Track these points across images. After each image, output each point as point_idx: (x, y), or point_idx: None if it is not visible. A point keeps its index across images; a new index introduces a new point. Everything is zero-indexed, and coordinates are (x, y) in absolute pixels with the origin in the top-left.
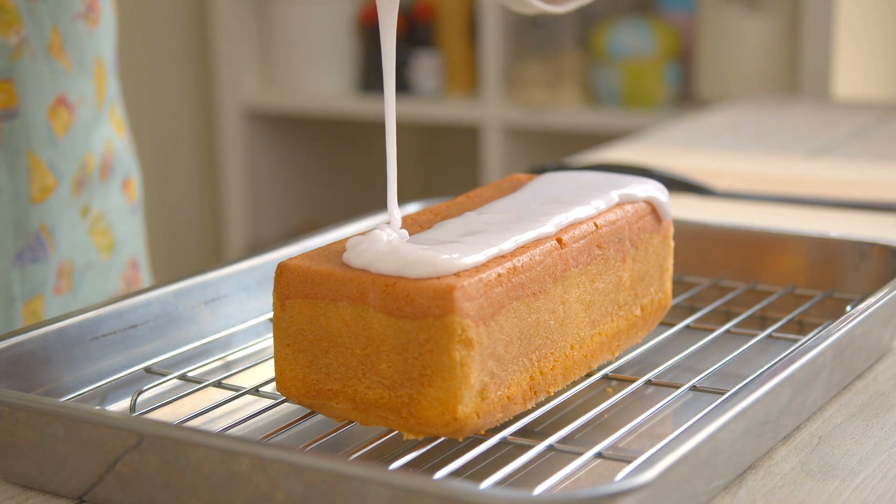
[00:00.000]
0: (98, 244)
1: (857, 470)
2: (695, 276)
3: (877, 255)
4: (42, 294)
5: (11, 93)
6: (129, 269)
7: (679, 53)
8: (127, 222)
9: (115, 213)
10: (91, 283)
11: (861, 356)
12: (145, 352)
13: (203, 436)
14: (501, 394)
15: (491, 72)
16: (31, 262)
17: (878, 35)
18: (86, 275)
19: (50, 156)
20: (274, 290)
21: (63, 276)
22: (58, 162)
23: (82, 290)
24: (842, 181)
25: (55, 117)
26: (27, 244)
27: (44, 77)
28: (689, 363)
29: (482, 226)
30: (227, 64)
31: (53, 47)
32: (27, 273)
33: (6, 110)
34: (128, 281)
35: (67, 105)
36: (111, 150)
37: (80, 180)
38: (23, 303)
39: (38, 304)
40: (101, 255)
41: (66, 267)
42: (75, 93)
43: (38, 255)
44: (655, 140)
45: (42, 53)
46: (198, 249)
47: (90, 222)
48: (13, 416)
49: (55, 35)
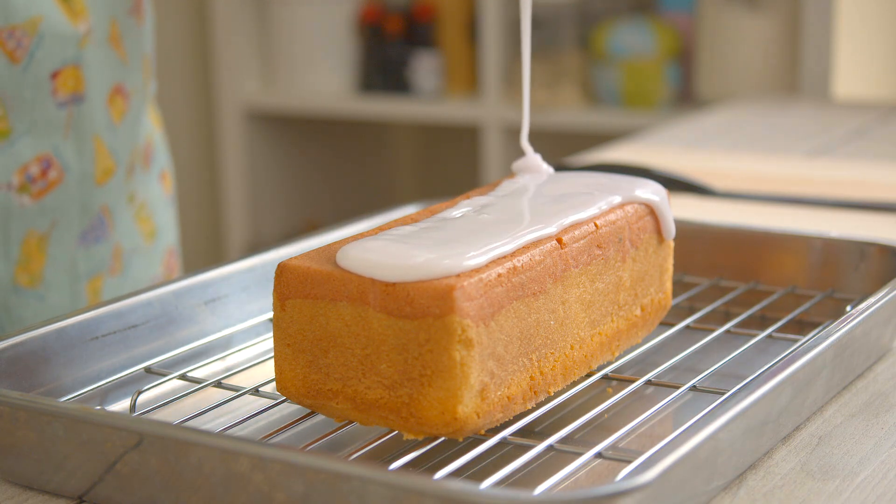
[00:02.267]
0: (142, 230)
1: (857, 470)
2: (695, 276)
3: (877, 255)
4: (102, 273)
5: (80, 78)
6: (168, 256)
7: (679, 53)
8: (165, 212)
9: (156, 202)
10: (138, 266)
11: (861, 356)
12: (145, 352)
13: (203, 436)
14: (501, 394)
15: (491, 72)
16: (94, 242)
17: (878, 35)
18: (133, 258)
19: (110, 140)
20: (274, 290)
21: (116, 258)
22: (116, 147)
23: (131, 273)
24: (842, 181)
25: (113, 104)
26: (91, 224)
27: (106, 66)
28: (689, 363)
29: (482, 226)
30: (227, 64)
31: (113, 38)
32: (91, 252)
33: (75, 95)
34: (167, 268)
35: (123, 94)
36: (152, 141)
37: (130, 167)
38: (87, 281)
39: (98, 282)
40: (146, 241)
41: (118, 249)
42: (130, 83)
43: (100, 235)
44: (655, 140)
45: (104, 43)
46: (198, 249)
47: (136, 209)
48: (13, 416)
49: (114, 27)
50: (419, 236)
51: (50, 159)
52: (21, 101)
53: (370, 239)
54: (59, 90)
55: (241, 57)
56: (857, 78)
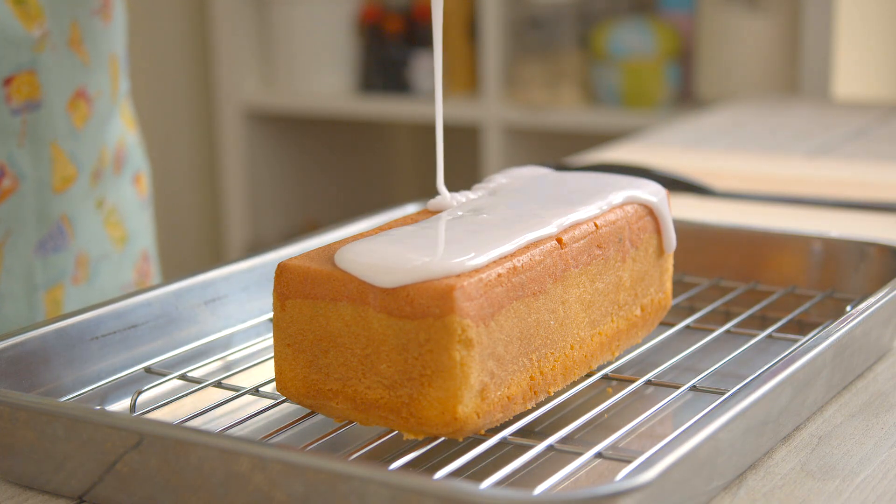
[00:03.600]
0: (112, 236)
1: (857, 470)
2: (695, 276)
3: (877, 255)
4: (62, 283)
5: (35, 85)
6: (141, 261)
7: (679, 53)
8: (138, 216)
9: (128, 207)
10: (106, 274)
11: (861, 356)
12: (145, 352)
13: (203, 436)
14: (501, 394)
15: (491, 72)
16: (52, 252)
17: (878, 35)
18: (101, 266)
19: (71, 147)
20: (274, 290)
21: (81, 266)
22: (78, 153)
23: (98, 281)
24: (842, 181)
25: (75, 109)
26: (49, 233)
27: (65, 70)
28: (689, 363)
29: (482, 226)
30: (227, 64)
31: (73, 41)
32: (49, 262)
33: (30, 101)
34: (140, 273)
35: (86, 98)
36: (123, 144)
37: (96, 172)
38: (45, 291)
39: (58, 292)
40: (116, 247)
41: (84, 257)
42: (93, 86)
43: (60, 244)
44: (655, 140)
45: (63, 47)
46: (198, 249)
47: (105, 214)
48: (13, 416)
49: (75, 29)
50: (418, 237)
51: (3, 168)
52: None
53: (368, 241)
54: (12, 97)
55: (241, 57)
56: (857, 78)
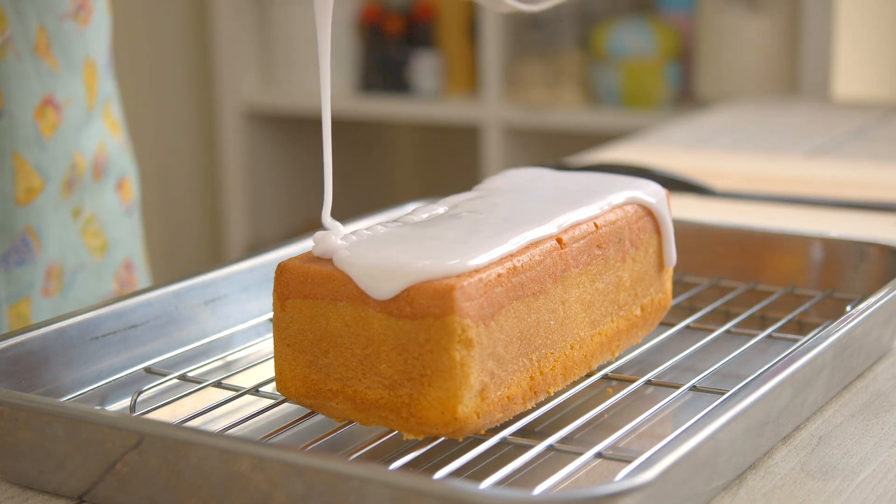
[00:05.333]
0: (90, 245)
1: (857, 470)
2: (695, 276)
3: (877, 255)
4: (29, 297)
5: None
6: (122, 270)
7: (679, 53)
8: (121, 223)
9: (109, 214)
10: (82, 284)
11: (861, 356)
12: (145, 352)
13: (203, 436)
14: (501, 394)
15: (491, 72)
16: (16, 265)
17: (878, 35)
18: (77, 276)
19: (37, 157)
20: (274, 290)
21: (52, 277)
22: (45, 163)
23: (73, 292)
24: (842, 181)
25: (42, 118)
26: (13, 246)
27: (30, 77)
28: (689, 363)
29: (482, 226)
30: (227, 64)
31: (40, 47)
32: (13, 276)
33: None
34: (121, 282)
35: (55, 106)
36: (104, 150)
37: (70, 181)
38: (8, 306)
39: (24, 306)
40: (94, 256)
41: (56, 268)
42: (63, 93)
43: (25, 257)
44: (655, 140)
45: (28, 53)
46: (198, 249)
47: (82, 223)
48: (13, 416)
49: (41, 34)
50: (418, 237)
51: None
52: None
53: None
54: None
55: (241, 57)
56: (857, 78)
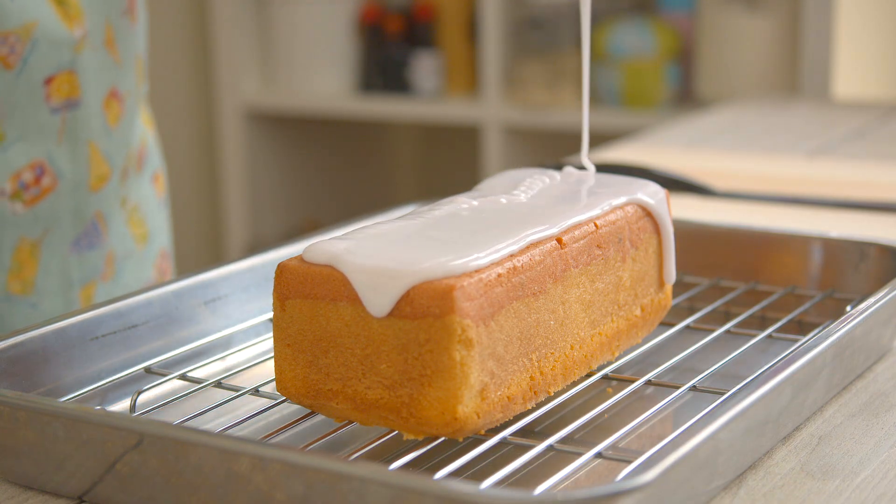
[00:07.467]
0: (135, 234)
1: (857, 470)
2: (695, 276)
3: (877, 255)
4: (95, 280)
5: (75, 84)
6: (160, 259)
7: (679, 53)
8: (157, 214)
9: (148, 205)
10: (130, 271)
11: (861, 356)
12: (145, 352)
13: (203, 436)
14: (501, 394)
15: (491, 72)
16: (87, 249)
17: (878, 35)
18: (126, 263)
19: (105, 145)
20: (274, 290)
21: (109, 263)
22: (111, 152)
23: (123, 279)
24: (842, 181)
25: (109, 108)
26: (84, 231)
27: (101, 69)
28: (689, 363)
29: (482, 226)
30: (227, 64)
31: (108, 41)
32: (84, 259)
33: (69, 100)
34: (160, 271)
35: (118, 97)
36: (145, 143)
37: (125, 171)
38: (80, 288)
39: (91, 289)
40: (138, 245)
41: (111, 255)
42: (124, 86)
43: (94, 241)
44: (655, 140)
45: (100, 47)
46: (198, 249)
47: (128, 213)
48: (13, 416)
49: (109, 29)
50: (418, 237)
51: (43, 166)
52: (13, 107)
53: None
54: (52, 96)
55: (241, 57)
56: (857, 78)
